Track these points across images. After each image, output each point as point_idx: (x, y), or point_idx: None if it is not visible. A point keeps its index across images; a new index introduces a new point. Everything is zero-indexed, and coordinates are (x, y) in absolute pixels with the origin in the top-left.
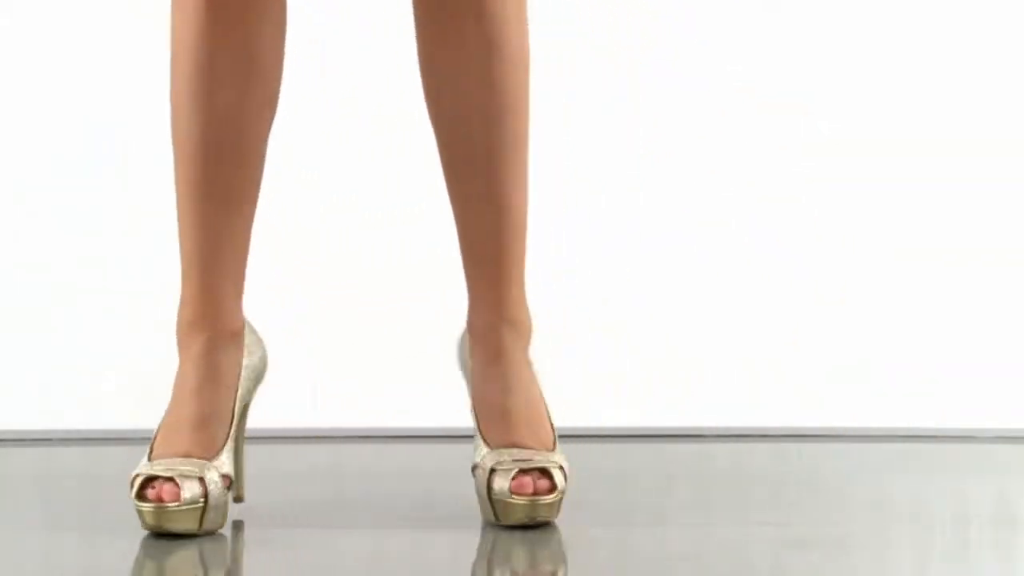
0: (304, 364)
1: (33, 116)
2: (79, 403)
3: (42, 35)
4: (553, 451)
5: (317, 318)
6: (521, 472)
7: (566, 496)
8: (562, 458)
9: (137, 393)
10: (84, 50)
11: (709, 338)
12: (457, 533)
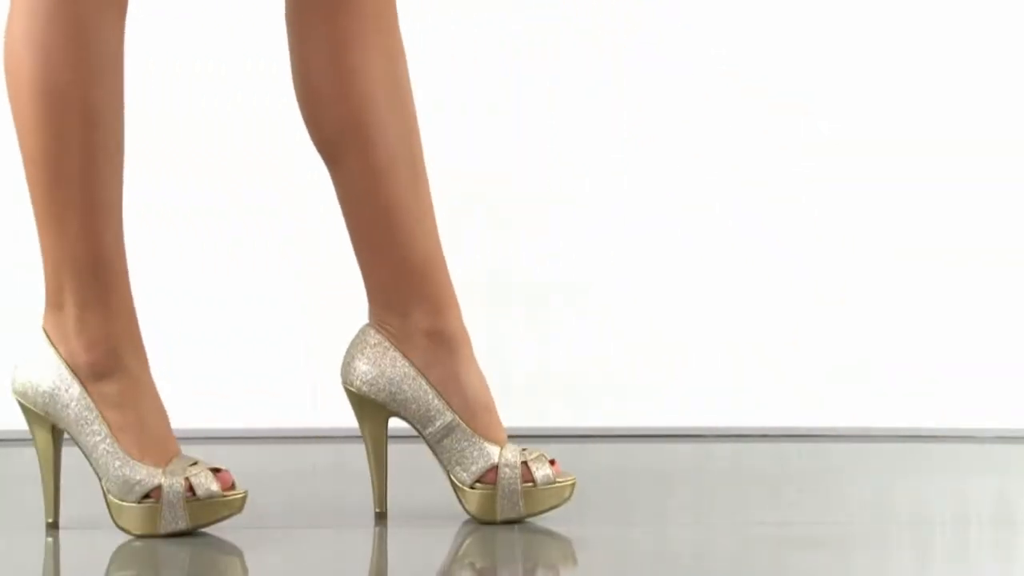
0: (304, 364)
1: None
2: None
3: None
4: None
5: (317, 318)
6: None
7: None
8: None
9: None
10: None
11: (709, 338)
12: (458, 533)
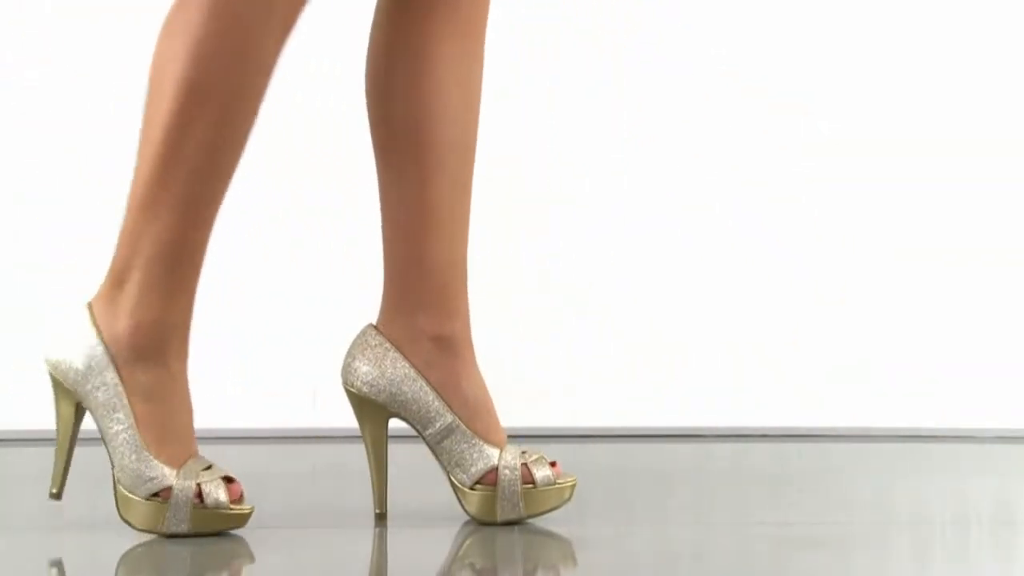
0: (304, 364)
1: (33, 116)
2: None
3: (42, 35)
4: None
5: (318, 319)
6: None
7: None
8: None
9: None
10: (85, 50)
11: (709, 338)
12: (458, 533)
